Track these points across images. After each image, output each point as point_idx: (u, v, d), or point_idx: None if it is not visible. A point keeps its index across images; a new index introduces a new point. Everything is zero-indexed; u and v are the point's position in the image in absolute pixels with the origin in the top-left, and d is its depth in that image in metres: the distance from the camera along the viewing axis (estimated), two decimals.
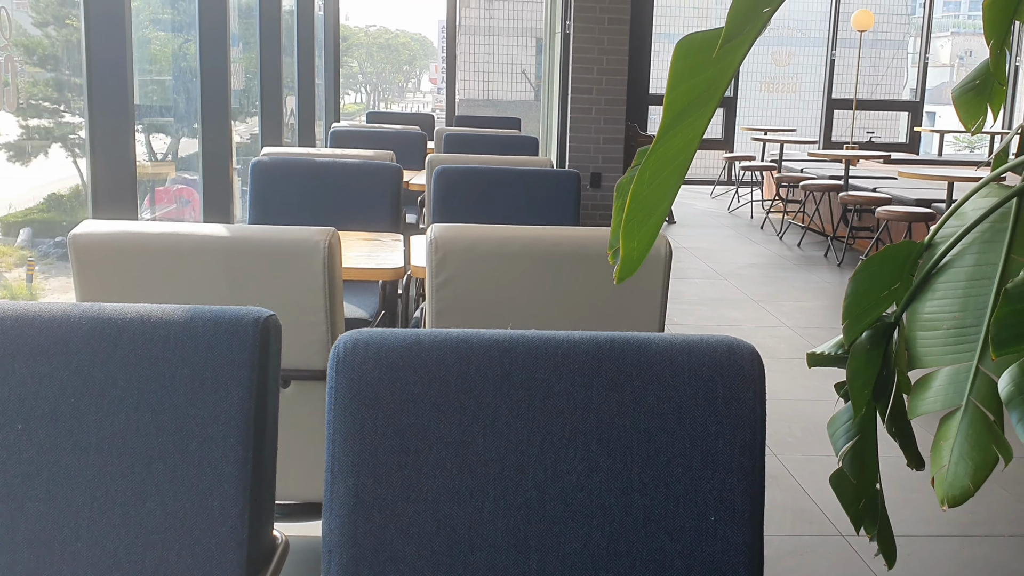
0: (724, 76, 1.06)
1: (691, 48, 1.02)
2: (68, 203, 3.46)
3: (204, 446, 1.13)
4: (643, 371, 1.17)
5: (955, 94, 1.53)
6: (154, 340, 1.13)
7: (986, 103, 1.50)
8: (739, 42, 1.03)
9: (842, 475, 1.36)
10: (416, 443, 1.11)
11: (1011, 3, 1.37)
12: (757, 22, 1.03)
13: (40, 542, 1.12)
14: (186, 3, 4.18)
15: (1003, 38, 1.40)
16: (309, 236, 1.78)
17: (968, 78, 1.53)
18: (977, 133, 1.56)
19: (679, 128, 1.08)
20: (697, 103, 1.07)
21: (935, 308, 1.22)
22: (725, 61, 1.04)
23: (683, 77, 1.04)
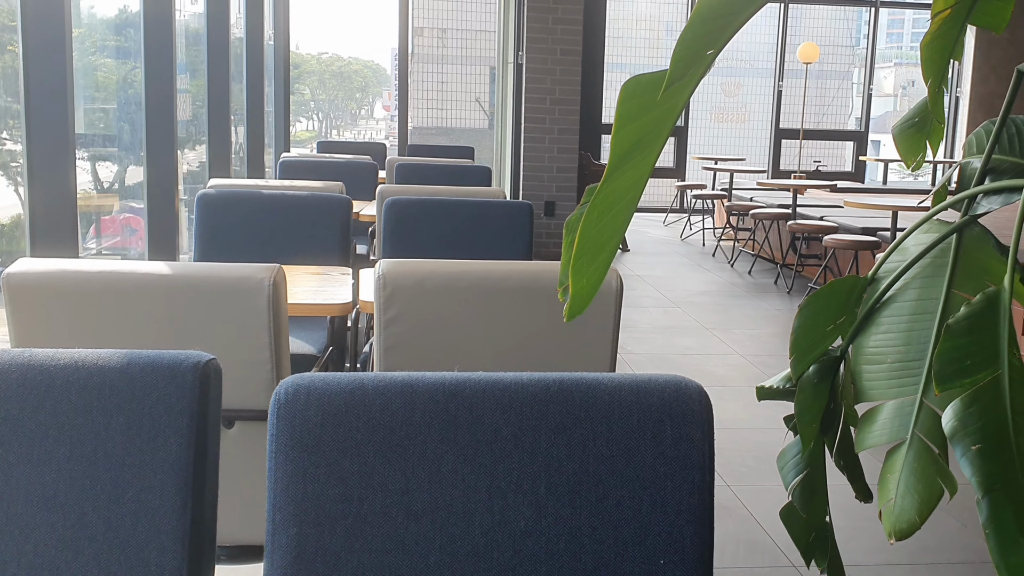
0: (670, 116, 1.07)
1: (637, 90, 1.03)
2: (10, 232, 3.38)
3: (140, 496, 1.09)
4: (591, 413, 1.16)
5: (895, 132, 1.56)
6: (88, 387, 1.10)
7: (925, 140, 1.52)
8: (684, 84, 1.03)
9: (792, 509, 1.36)
10: (360, 491, 1.08)
11: (948, 43, 1.41)
12: (701, 64, 1.04)
13: None
14: (134, 30, 4.13)
15: (941, 77, 1.43)
16: (253, 274, 1.74)
17: (907, 116, 1.56)
18: (917, 169, 1.59)
19: (627, 167, 1.08)
20: (644, 143, 1.07)
21: (879, 342, 1.23)
22: (670, 102, 1.05)
23: (629, 118, 1.05)
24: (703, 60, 1.03)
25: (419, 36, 11.15)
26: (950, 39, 1.38)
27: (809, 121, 11.80)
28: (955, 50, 1.39)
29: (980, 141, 1.41)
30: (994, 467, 0.97)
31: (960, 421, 1.00)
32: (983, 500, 0.96)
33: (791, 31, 11.55)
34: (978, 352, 1.04)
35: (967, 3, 1.35)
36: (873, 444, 1.14)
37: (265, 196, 3.06)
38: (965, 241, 1.25)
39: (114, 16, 4.32)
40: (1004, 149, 1.37)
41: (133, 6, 4.12)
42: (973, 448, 0.98)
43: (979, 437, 0.99)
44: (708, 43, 1.03)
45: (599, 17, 9.47)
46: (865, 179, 12.06)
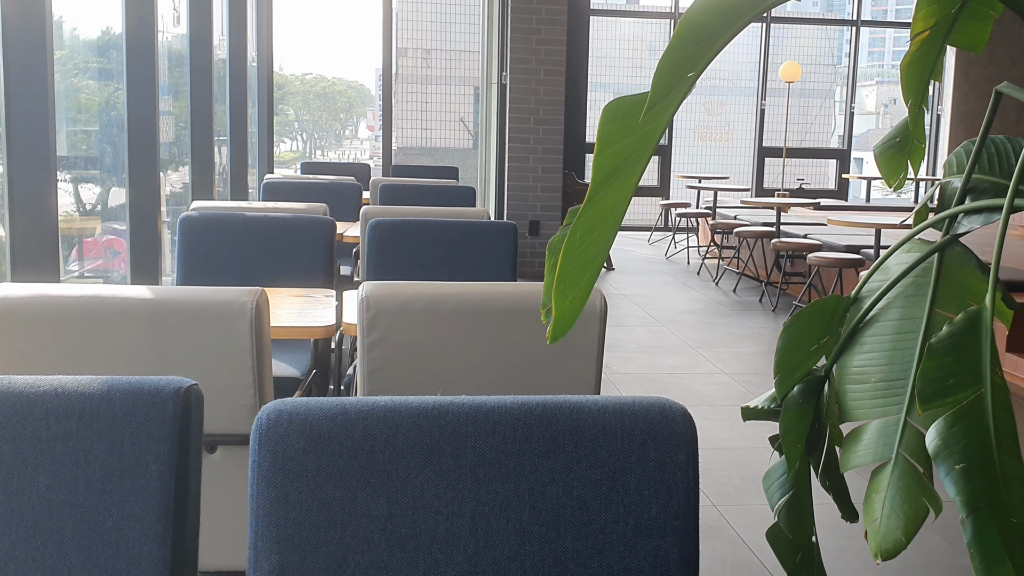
0: (651, 137, 1.07)
1: (618, 112, 1.04)
2: None
3: (121, 525, 1.08)
4: (576, 436, 1.16)
5: (877, 152, 1.57)
6: (68, 414, 1.09)
7: (906, 160, 1.53)
8: (665, 105, 1.04)
9: (778, 529, 1.36)
10: (343, 516, 1.07)
11: (928, 64, 1.42)
12: (682, 86, 1.04)
13: None
14: (116, 51, 4.12)
15: (921, 97, 1.44)
16: (235, 297, 1.74)
17: (888, 136, 1.57)
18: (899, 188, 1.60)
19: (609, 188, 1.09)
20: (626, 164, 1.08)
21: (863, 362, 1.24)
22: (652, 124, 1.06)
23: (611, 140, 1.06)
24: (684, 82, 1.03)
25: (403, 56, 11.18)
26: (930, 60, 1.39)
27: (792, 139, 11.89)
28: (935, 70, 1.40)
29: (960, 161, 1.43)
30: (978, 486, 0.97)
31: (944, 440, 1.00)
32: (968, 519, 0.96)
33: (773, 50, 11.66)
34: (961, 371, 1.05)
35: (946, 24, 1.37)
36: (858, 464, 1.14)
37: (248, 218, 3.06)
38: (947, 260, 1.26)
39: (97, 38, 4.31)
40: (984, 169, 1.38)
41: (116, 28, 4.12)
42: (957, 467, 0.98)
43: (963, 456, 0.99)
44: (689, 65, 1.03)
45: (582, 37, 9.54)
46: (848, 196, 12.15)
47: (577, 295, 1.19)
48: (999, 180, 1.37)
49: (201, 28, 5.24)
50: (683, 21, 1.02)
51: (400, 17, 11.19)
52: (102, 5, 4.12)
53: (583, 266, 1.17)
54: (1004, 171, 1.38)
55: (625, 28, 12.04)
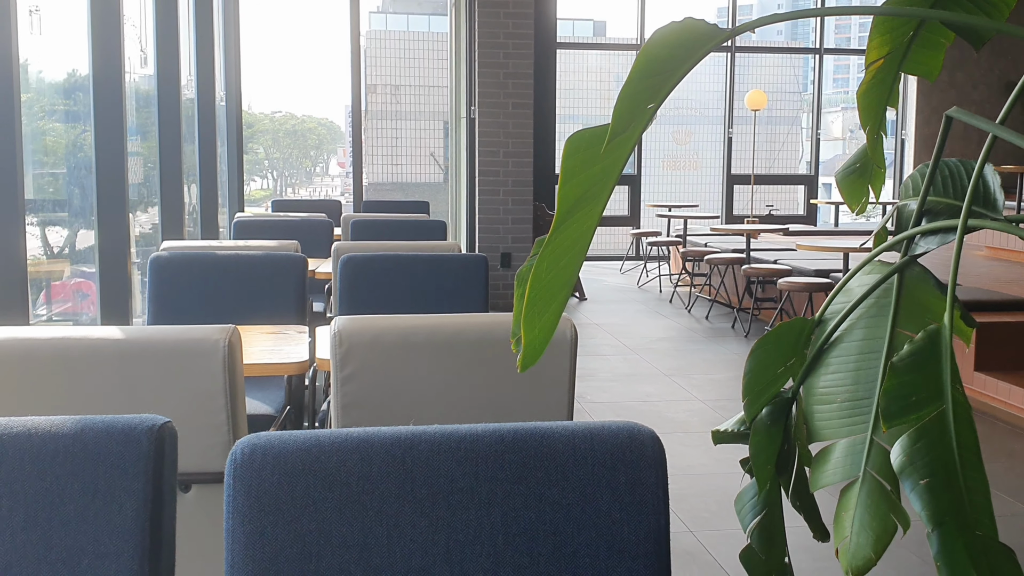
0: (614, 169, 1.09)
1: (580, 144, 1.06)
2: None
3: (97, 563, 1.09)
4: (547, 462, 1.18)
5: (838, 178, 1.60)
6: (42, 454, 1.09)
7: (867, 184, 1.55)
8: (626, 137, 1.06)
9: (751, 551, 1.37)
10: (318, 548, 1.08)
11: (883, 92, 1.46)
12: (643, 117, 1.07)
13: None
14: (83, 93, 4.12)
15: (878, 124, 1.48)
16: (208, 335, 1.75)
17: (849, 162, 1.60)
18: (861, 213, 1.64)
19: (574, 218, 1.11)
20: (589, 195, 1.09)
21: (829, 382, 1.26)
22: (614, 155, 1.08)
23: (574, 172, 1.08)
24: (644, 114, 1.06)
25: (372, 93, 11.26)
26: (885, 87, 1.42)
27: (760, 166, 12.04)
28: (890, 98, 1.44)
29: (916, 184, 1.46)
30: (943, 501, 0.99)
31: (908, 456, 1.02)
32: (933, 533, 0.97)
33: (739, 79, 11.82)
34: (922, 388, 1.07)
35: (900, 53, 1.41)
36: (827, 483, 1.15)
37: (219, 257, 3.06)
38: (906, 281, 1.28)
39: (63, 80, 4.32)
40: (939, 191, 1.41)
41: (82, 70, 4.13)
42: (922, 483, 1.00)
43: (927, 472, 1.01)
44: (649, 97, 1.06)
45: (550, 70, 9.65)
46: (817, 221, 12.29)
47: (546, 323, 1.20)
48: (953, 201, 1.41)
49: (169, 68, 5.26)
50: (641, 54, 1.04)
51: (368, 54, 11.28)
52: (68, 47, 4.13)
53: (551, 295, 1.18)
54: (958, 193, 1.41)
55: (592, 60, 12.19)
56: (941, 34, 1.38)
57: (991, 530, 0.98)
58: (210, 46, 6.83)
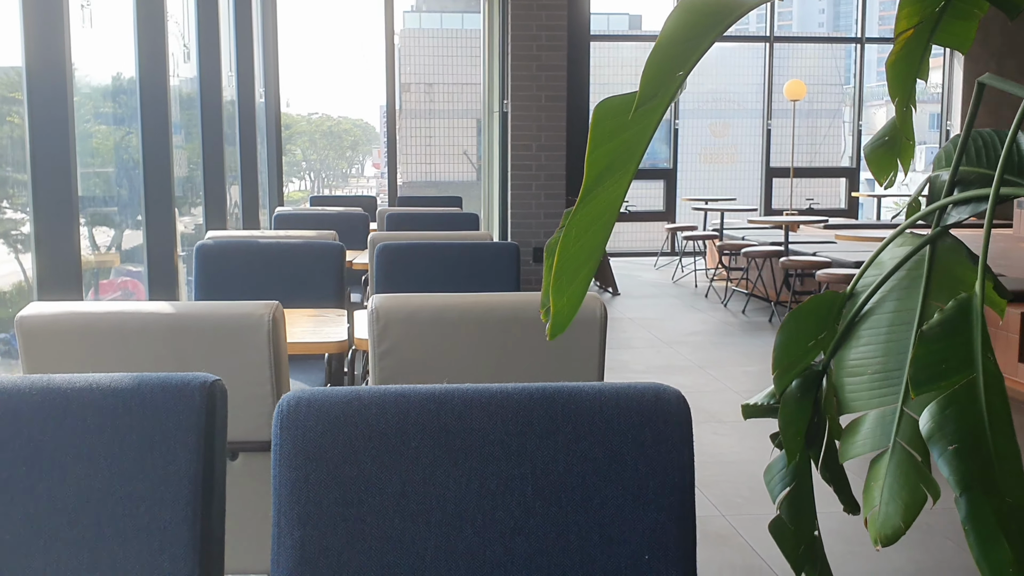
0: (643, 137, 1.09)
1: (608, 111, 1.07)
2: (11, 298, 3.46)
3: (154, 509, 1.17)
4: (574, 418, 1.24)
5: (866, 151, 1.55)
6: (103, 407, 1.18)
7: (896, 158, 1.52)
8: (655, 104, 1.06)
9: (780, 522, 1.37)
10: (359, 494, 1.16)
11: (914, 63, 1.44)
12: (671, 85, 1.06)
13: None
14: (127, 96, 4.25)
15: (908, 96, 1.43)
16: (253, 310, 1.83)
17: (878, 135, 1.55)
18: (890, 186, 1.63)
19: (601, 188, 1.10)
20: (617, 164, 1.09)
21: (860, 355, 1.25)
22: (642, 124, 1.08)
23: (602, 140, 1.08)
24: (673, 82, 1.07)
25: (406, 92, 11.37)
26: (915, 59, 1.40)
27: (801, 160, 11.92)
28: (921, 69, 1.41)
29: (948, 154, 1.43)
30: (971, 466, 0.99)
31: (936, 423, 1.02)
32: (961, 499, 0.97)
33: (777, 71, 11.64)
34: (952, 356, 1.07)
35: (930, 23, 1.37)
36: (857, 454, 1.16)
37: (261, 245, 3.16)
38: (938, 252, 1.28)
39: (108, 84, 4.45)
40: (972, 161, 1.37)
41: (126, 72, 4.25)
42: (950, 448, 1.00)
43: (955, 438, 1.01)
44: (677, 65, 1.05)
45: (583, 63, 9.66)
46: (859, 215, 12.12)
47: (574, 293, 1.22)
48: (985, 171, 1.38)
49: (210, 70, 5.39)
50: (670, 19, 1.04)
51: (402, 52, 11.40)
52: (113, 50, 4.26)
53: (579, 264, 1.19)
54: (991, 162, 1.36)
55: (627, 53, 12.15)
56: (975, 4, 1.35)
57: (1021, 497, 0.98)
58: (249, 48, 6.98)
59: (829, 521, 1.43)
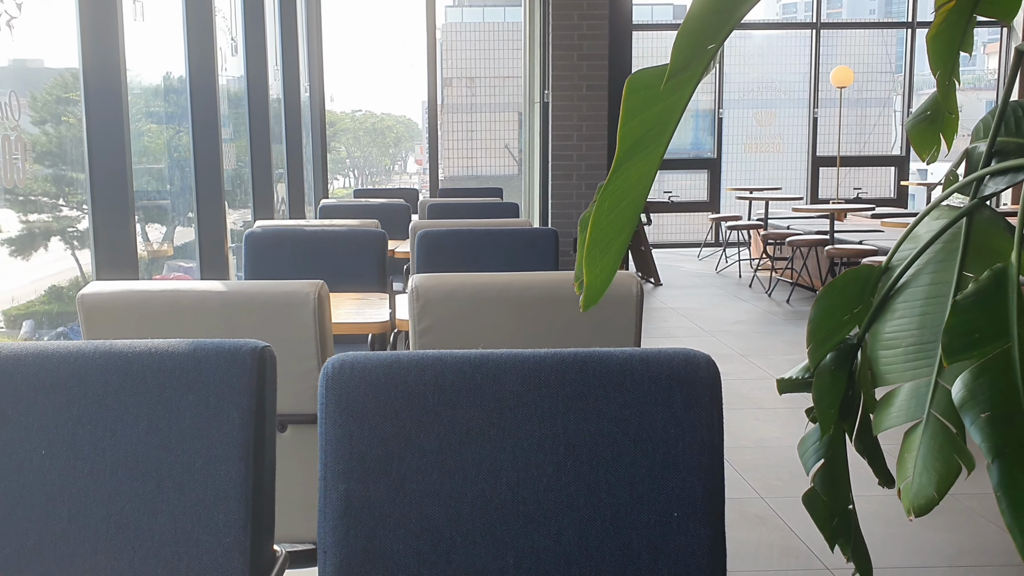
0: (674, 110, 1.11)
1: (640, 84, 1.09)
2: (68, 294, 3.58)
3: (209, 465, 1.25)
4: (605, 381, 1.29)
5: (908, 127, 1.54)
6: (161, 370, 1.26)
7: (939, 133, 1.51)
8: (687, 77, 1.07)
9: (814, 494, 1.37)
10: (400, 451, 1.22)
11: (955, 37, 1.39)
12: (703, 58, 1.08)
13: (63, 557, 1.23)
14: (176, 95, 4.37)
15: (949, 69, 1.42)
16: (300, 288, 1.92)
17: (920, 109, 1.53)
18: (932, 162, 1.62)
19: (633, 161, 1.12)
20: (649, 137, 1.11)
21: (895, 327, 1.25)
22: (674, 96, 1.10)
23: (634, 112, 1.10)
24: (704, 54, 1.07)
25: (448, 86, 11.47)
26: (957, 31, 1.38)
27: (850, 150, 11.73)
28: (964, 42, 1.39)
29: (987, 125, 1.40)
30: (1004, 433, 0.98)
31: (969, 391, 1.01)
32: (993, 465, 0.97)
33: (824, 58, 11.39)
34: (986, 326, 1.05)
35: None
36: (891, 425, 1.15)
37: (307, 232, 3.26)
38: (975, 224, 1.26)
39: (157, 83, 4.58)
40: (1010, 131, 1.34)
41: (175, 72, 4.38)
42: (982, 416, 0.99)
43: (988, 405, 1.00)
44: (708, 37, 1.06)
45: (625, 52, 9.62)
46: (908, 205, 11.88)
47: (606, 264, 1.24)
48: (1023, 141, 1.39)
49: (257, 68, 5.52)
50: None
51: (444, 47, 11.49)
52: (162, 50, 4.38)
53: (612, 236, 1.20)
54: None
55: (668, 41, 12.03)
56: None
57: None
58: (294, 47, 7.11)
59: (870, 503, 1.42)
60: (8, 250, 3.08)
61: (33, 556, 1.24)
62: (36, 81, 3.10)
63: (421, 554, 1.21)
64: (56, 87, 3.27)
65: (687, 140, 11.78)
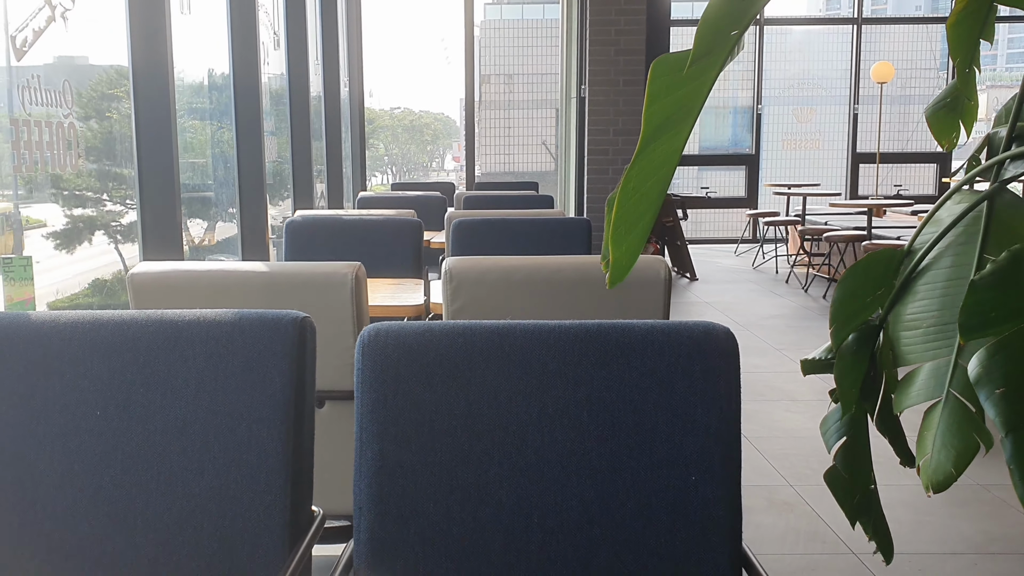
0: (698, 95, 1.15)
1: (665, 68, 1.13)
2: (111, 288, 3.68)
3: (252, 427, 1.33)
4: (627, 351, 1.35)
5: (927, 113, 1.57)
6: (208, 338, 1.34)
7: (958, 120, 1.54)
8: (710, 62, 1.11)
9: (835, 472, 1.40)
10: (431, 415, 1.29)
11: (976, 24, 1.42)
12: (725, 44, 1.12)
13: (116, 513, 1.32)
14: (218, 92, 4.48)
15: (969, 57, 1.44)
16: (338, 269, 2.00)
17: (939, 97, 1.56)
18: (951, 149, 1.63)
19: (658, 143, 1.17)
20: (674, 119, 1.16)
21: (916, 309, 1.27)
22: (697, 81, 1.14)
23: (658, 95, 1.14)
24: (727, 40, 1.10)
25: (486, 83, 11.55)
26: (978, 19, 1.40)
27: (892, 147, 11.59)
28: (984, 30, 1.41)
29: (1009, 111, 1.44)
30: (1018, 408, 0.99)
31: (985, 368, 1.02)
32: (1007, 439, 0.99)
33: (866, 55, 11.29)
34: (1003, 305, 1.06)
35: None
36: (911, 404, 1.18)
37: (345, 221, 3.35)
38: (996, 208, 1.28)
39: (200, 80, 4.69)
40: None
41: (218, 69, 4.48)
42: (997, 392, 1.01)
43: (1003, 382, 1.01)
44: (731, 23, 1.10)
45: (663, 47, 9.61)
46: None
47: (632, 243, 1.28)
48: None
49: (299, 64, 5.64)
50: None
51: (483, 44, 11.57)
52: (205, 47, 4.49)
53: (637, 216, 1.23)
54: None
55: None
56: None
57: None
58: (335, 44, 7.22)
59: (900, 492, 1.43)
60: (53, 243, 3.18)
61: (88, 508, 1.32)
62: (82, 78, 3.21)
63: (450, 511, 1.28)
64: (101, 83, 3.37)
65: (726, 136, 11.75)
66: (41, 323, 1.35)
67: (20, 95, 2.56)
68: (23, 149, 2.58)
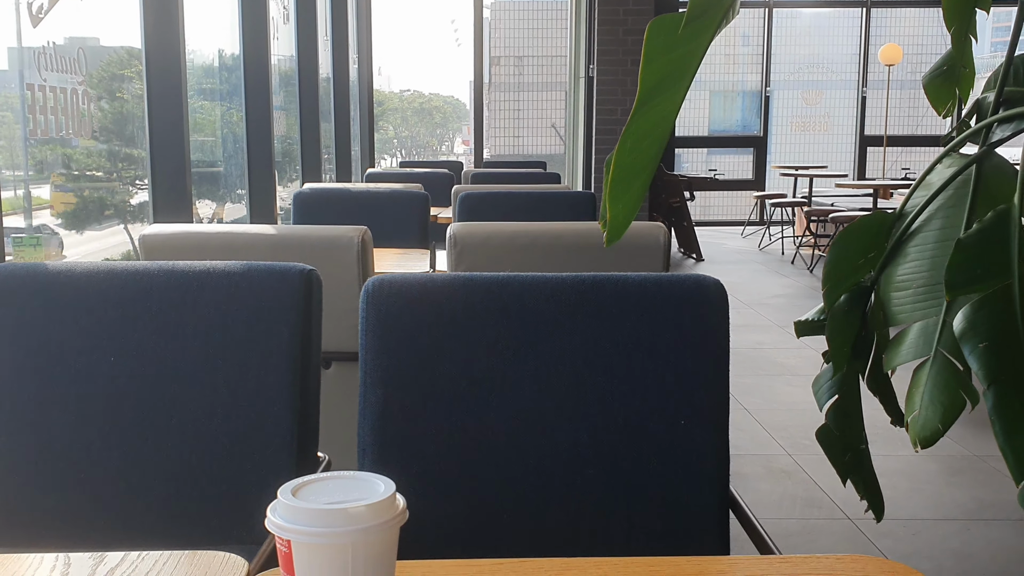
0: (693, 56, 1.17)
1: (661, 29, 1.15)
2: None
3: (260, 375, 1.38)
4: (621, 301, 1.40)
5: (924, 81, 1.57)
6: (218, 288, 1.40)
7: (955, 88, 1.54)
8: (705, 24, 1.14)
9: (827, 429, 1.42)
10: (431, 361, 1.35)
11: None
12: (719, 6, 1.14)
13: (129, 456, 1.38)
14: (228, 72, 4.53)
15: (965, 25, 1.45)
16: (344, 233, 2.05)
17: (936, 65, 1.56)
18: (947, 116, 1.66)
19: (654, 103, 1.18)
20: (669, 80, 1.18)
21: (907, 271, 1.28)
22: (692, 43, 1.16)
23: (654, 55, 1.16)
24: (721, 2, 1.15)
25: (496, 65, 11.55)
26: None
27: (901, 131, 11.57)
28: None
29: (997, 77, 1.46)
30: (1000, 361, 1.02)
31: (969, 323, 1.05)
32: (989, 390, 1.01)
33: (875, 37, 11.26)
34: (988, 263, 1.09)
35: None
36: (901, 362, 1.20)
37: (352, 193, 3.41)
38: (985, 171, 1.29)
39: (210, 62, 4.73)
40: (1019, 80, 1.38)
41: (227, 50, 4.53)
42: (980, 346, 1.04)
43: (986, 337, 1.03)
44: None
45: None
46: None
47: (628, 201, 1.31)
48: None
49: (308, 42, 5.68)
50: None
51: (493, 26, 11.57)
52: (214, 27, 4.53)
53: (633, 174, 1.27)
54: None
55: None
56: None
57: None
58: (344, 24, 7.25)
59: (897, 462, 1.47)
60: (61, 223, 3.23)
61: (102, 450, 1.38)
62: (93, 59, 3.25)
63: (450, 454, 1.34)
64: (112, 64, 3.42)
65: (735, 119, 11.75)
66: (57, 273, 1.41)
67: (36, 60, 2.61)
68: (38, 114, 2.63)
